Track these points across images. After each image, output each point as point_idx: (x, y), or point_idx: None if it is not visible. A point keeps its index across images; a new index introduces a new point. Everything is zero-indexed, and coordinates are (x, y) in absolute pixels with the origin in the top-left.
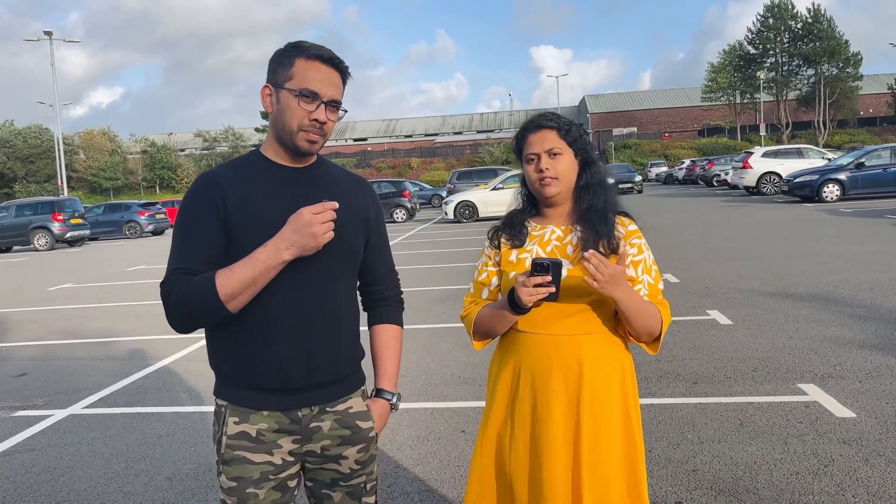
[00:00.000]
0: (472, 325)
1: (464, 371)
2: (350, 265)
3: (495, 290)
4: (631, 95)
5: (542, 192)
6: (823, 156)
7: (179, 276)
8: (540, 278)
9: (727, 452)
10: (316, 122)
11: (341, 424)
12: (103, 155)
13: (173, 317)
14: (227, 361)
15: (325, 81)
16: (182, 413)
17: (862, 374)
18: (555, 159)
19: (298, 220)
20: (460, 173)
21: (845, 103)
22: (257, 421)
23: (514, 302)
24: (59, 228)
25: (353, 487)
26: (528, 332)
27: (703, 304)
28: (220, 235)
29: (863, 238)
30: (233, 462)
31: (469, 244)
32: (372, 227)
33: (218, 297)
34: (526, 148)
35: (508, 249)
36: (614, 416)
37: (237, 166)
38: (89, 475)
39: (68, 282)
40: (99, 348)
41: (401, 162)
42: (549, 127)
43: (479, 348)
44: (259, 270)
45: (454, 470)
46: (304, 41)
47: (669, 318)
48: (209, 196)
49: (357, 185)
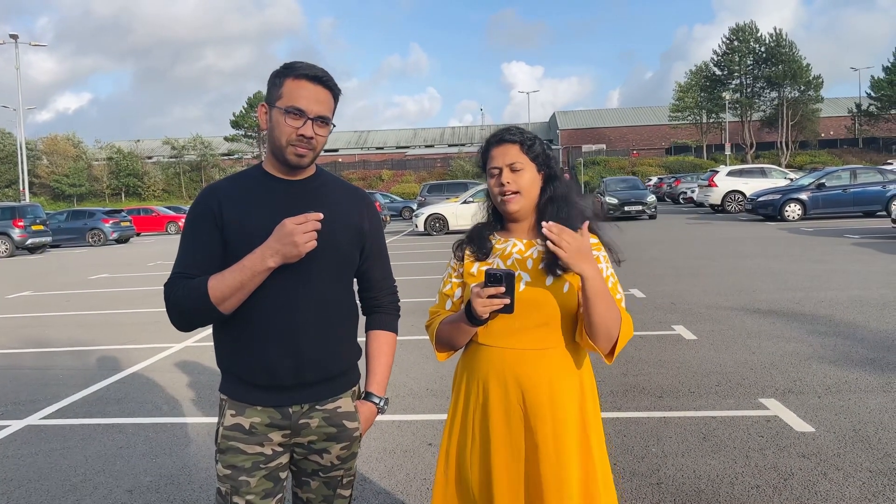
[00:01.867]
0: (434, 336)
1: (430, 383)
2: (342, 272)
3: (458, 301)
4: (600, 113)
5: (504, 207)
6: (786, 176)
7: (179, 280)
8: (493, 289)
9: (690, 466)
10: (303, 137)
11: (329, 423)
12: (67, 161)
13: (173, 316)
14: (226, 358)
15: (311, 99)
16: (143, 424)
17: (821, 390)
18: (516, 174)
19: (281, 230)
20: (431, 186)
21: (807, 125)
22: (251, 415)
23: (470, 313)
24: (19, 235)
25: (331, 479)
26: (487, 344)
27: (668, 319)
28: (217, 243)
29: (823, 256)
30: (228, 451)
31: (438, 256)
32: (366, 236)
33: (210, 300)
34: (489, 161)
35: (471, 262)
36: (570, 432)
37: (238, 179)
38: (46, 487)
39: (28, 289)
40: (58, 358)
41: (371, 174)
42: (511, 141)
43: (441, 359)
44: (246, 276)
45: (420, 482)
46: (297, 62)
47: (630, 329)
48: (208, 207)
49: (353, 196)
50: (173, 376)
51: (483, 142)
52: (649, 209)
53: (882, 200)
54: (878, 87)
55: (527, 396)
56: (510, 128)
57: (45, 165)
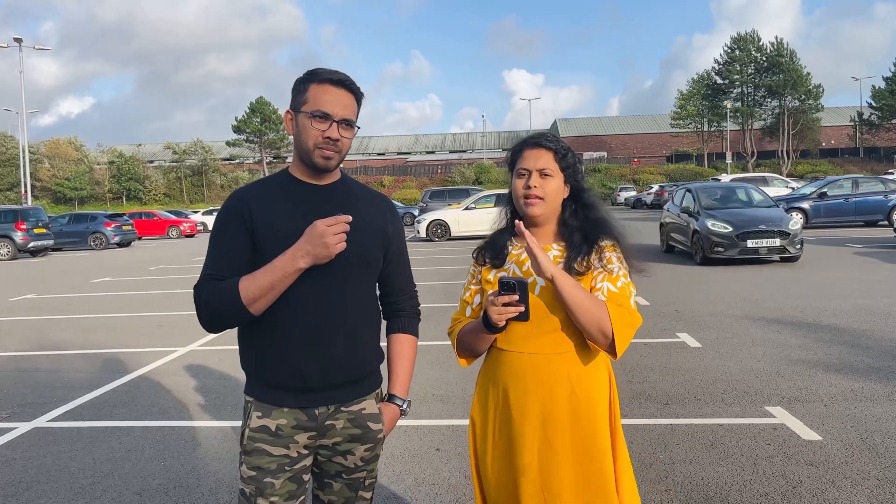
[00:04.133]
0: (456, 342)
1: (438, 389)
2: (367, 274)
3: (478, 308)
4: (601, 120)
5: (525, 210)
6: (787, 185)
7: (209, 282)
8: (507, 297)
9: (699, 473)
10: (329, 140)
11: (354, 424)
12: (69, 164)
13: (203, 318)
14: (253, 361)
15: (336, 103)
16: (151, 427)
17: (827, 398)
18: (545, 180)
19: (313, 232)
20: (433, 192)
21: (808, 134)
22: (278, 417)
23: (487, 321)
24: (21, 238)
25: (353, 481)
26: (507, 349)
27: (673, 326)
28: (247, 246)
29: (825, 265)
30: (253, 453)
31: (442, 262)
32: (390, 239)
33: (241, 301)
34: (520, 162)
35: (489, 269)
36: (591, 433)
37: (266, 183)
38: (55, 489)
39: (31, 293)
40: (64, 361)
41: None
42: (547, 147)
43: (464, 365)
44: (277, 277)
45: (429, 488)
46: (320, 68)
47: (628, 322)
48: (238, 210)
49: (376, 200)
50: (180, 380)
51: (517, 141)
52: (792, 244)
53: (884, 210)
54: (880, 97)
55: (546, 400)
56: (547, 134)
57: (47, 169)
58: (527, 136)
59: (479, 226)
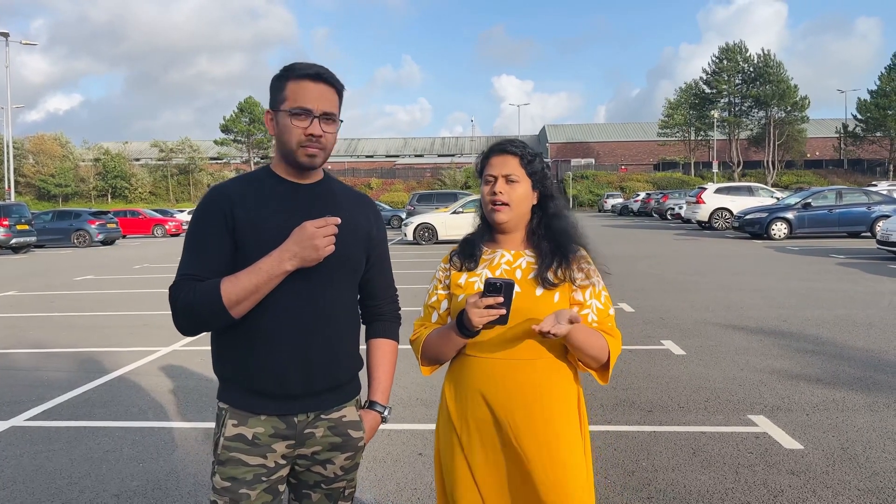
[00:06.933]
0: (420, 350)
1: (420, 393)
2: (350, 278)
3: (445, 313)
4: (590, 127)
5: (492, 216)
6: (772, 194)
7: (187, 282)
8: (492, 299)
9: (681, 480)
10: (312, 137)
11: (334, 432)
12: (53, 161)
13: (180, 320)
14: (230, 366)
15: (315, 97)
16: (130, 428)
17: (809, 408)
18: (511, 186)
19: (302, 233)
20: (421, 195)
21: (793, 145)
22: (255, 425)
23: (462, 324)
24: (3, 234)
25: (333, 490)
26: (475, 355)
27: (657, 333)
28: (228, 245)
29: (809, 275)
30: (228, 463)
31: (427, 266)
32: (373, 243)
33: (222, 303)
34: (486, 168)
35: (458, 272)
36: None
37: (247, 181)
38: (31, 490)
39: (12, 289)
40: (44, 359)
41: (360, 182)
42: (512, 153)
43: (426, 374)
44: (262, 279)
45: (411, 492)
46: (297, 63)
47: (619, 348)
48: (219, 207)
49: (360, 202)
50: (160, 380)
51: (485, 148)
52: None
53: (867, 222)
54: (865, 110)
55: (517, 406)
56: (514, 140)
57: (31, 165)
58: (493, 143)
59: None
